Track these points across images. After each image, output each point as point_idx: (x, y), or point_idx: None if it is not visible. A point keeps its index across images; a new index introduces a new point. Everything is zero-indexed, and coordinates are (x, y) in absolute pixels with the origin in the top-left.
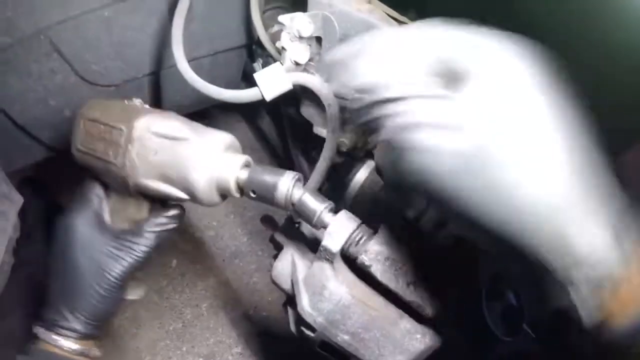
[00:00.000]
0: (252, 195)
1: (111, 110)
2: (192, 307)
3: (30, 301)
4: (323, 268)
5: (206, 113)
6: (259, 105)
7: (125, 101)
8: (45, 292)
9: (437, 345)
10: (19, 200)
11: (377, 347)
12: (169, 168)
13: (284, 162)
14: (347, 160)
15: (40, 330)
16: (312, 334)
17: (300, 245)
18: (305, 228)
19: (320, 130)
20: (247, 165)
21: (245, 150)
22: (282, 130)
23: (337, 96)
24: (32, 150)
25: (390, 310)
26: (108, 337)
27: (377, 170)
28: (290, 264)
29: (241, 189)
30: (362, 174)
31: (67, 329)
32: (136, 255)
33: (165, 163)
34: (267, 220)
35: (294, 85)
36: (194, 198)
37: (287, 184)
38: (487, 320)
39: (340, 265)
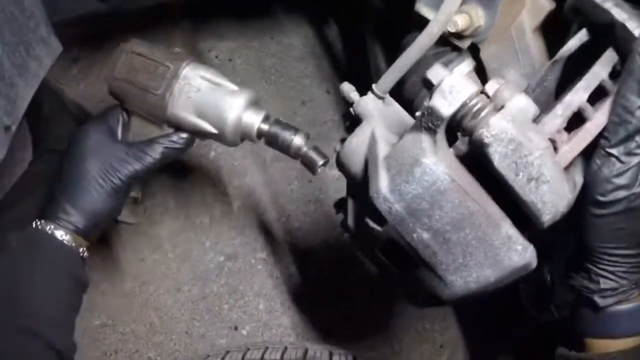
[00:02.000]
0: (267, 144)
1: (156, 50)
2: (223, 203)
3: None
4: (420, 139)
5: (271, 13)
6: (327, 11)
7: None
8: (51, 191)
9: (533, 266)
10: (57, 47)
11: (463, 254)
12: (206, 106)
13: (343, 71)
14: (438, 50)
15: (38, 222)
16: (379, 228)
17: (386, 122)
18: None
19: (423, 9)
20: (266, 118)
21: (306, 56)
22: (351, 35)
23: None
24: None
25: (494, 209)
26: (135, 216)
27: None
28: (369, 139)
29: (259, 136)
30: (466, 65)
31: (65, 220)
32: (143, 163)
33: (204, 101)
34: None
35: None
36: (220, 133)
37: (299, 141)
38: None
39: (442, 139)
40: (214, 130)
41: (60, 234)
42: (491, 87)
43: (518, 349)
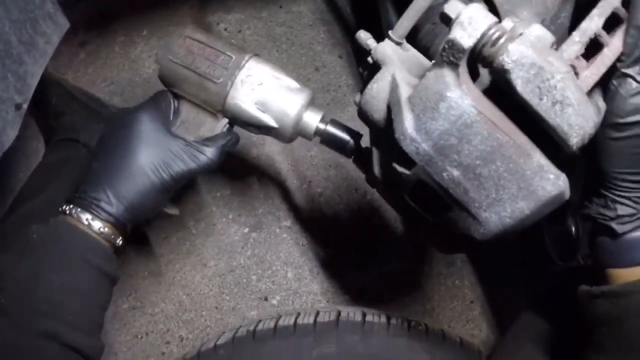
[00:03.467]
0: (322, 143)
1: (217, 39)
2: (243, 174)
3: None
4: (443, 74)
5: None
6: None
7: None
8: (89, 173)
9: (566, 196)
10: (64, 24)
11: (495, 189)
12: (269, 100)
13: (355, 32)
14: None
15: (69, 206)
16: (407, 172)
17: (405, 66)
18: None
19: None
20: (324, 118)
21: (316, 22)
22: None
23: None
24: None
25: (524, 140)
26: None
27: None
28: (390, 84)
29: (316, 134)
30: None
31: (103, 210)
32: (198, 163)
33: (267, 95)
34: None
35: None
36: (280, 127)
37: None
38: (545, 240)
39: (465, 73)
40: (274, 124)
41: (98, 226)
42: (507, 24)
43: (545, 299)
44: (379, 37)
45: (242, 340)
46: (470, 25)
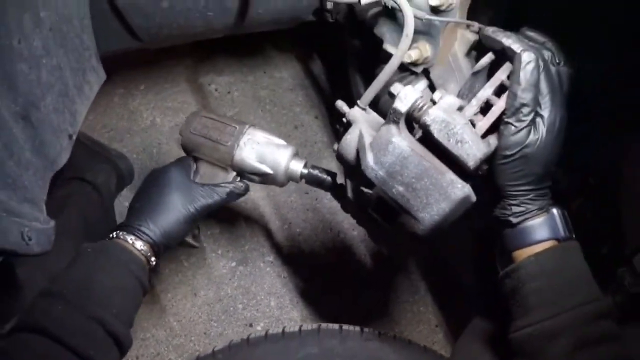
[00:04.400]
0: (307, 183)
1: (224, 116)
2: (231, 216)
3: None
4: (390, 128)
5: (263, 50)
6: (312, 48)
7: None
8: (132, 210)
9: (472, 199)
10: (103, 76)
11: (426, 196)
12: (265, 154)
13: (328, 99)
14: (402, 73)
15: (117, 232)
16: (370, 192)
17: (368, 124)
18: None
19: (389, 47)
20: (306, 164)
21: (295, 87)
22: (333, 68)
23: (415, 16)
24: (121, 39)
25: (440, 164)
26: (198, 241)
27: None
28: (358, 136)
29: (301, 178)
30: (421, 84)
31: (144, 233)
32: (213, 199)
33: (263, 151)
34: (340, 123)
35: (368, 15)
36: (274, 174)
37: (332, 183)
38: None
39: (404, 127)
40: (270, 171)
41: (139, 245)
42: (436, 95)
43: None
44: (346, 98)
45: (237, 346)
46: (405, 99)
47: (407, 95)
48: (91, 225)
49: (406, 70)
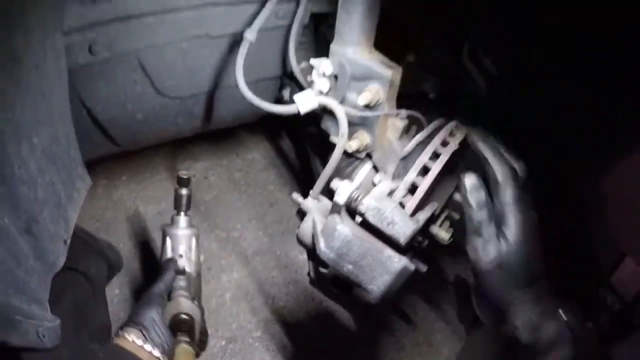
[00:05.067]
0: None
1: None
2: (217, 296)
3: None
4: (334, 217)
5: (235, 134)
6: (280, 127)
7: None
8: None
9: (411, 268)
10: (89, 181)
11: (371, 271)
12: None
13: (298, 174)
14: (349, 159)
15: (127, 330)
16: (326, 271)
17: (320, 212)
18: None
19: (334, 139)
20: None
21: (267, 166)
22: (300, 147)
23: (347, 114)
24: (102, 146)
25: (378, 243)
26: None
27: None
28: (312, 223)
29: None
30: (365, 168)
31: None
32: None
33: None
34: (299, 212)
35: (319, 105)
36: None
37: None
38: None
39: (345, 216)
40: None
41: (149, 348)
42: (376, 178)
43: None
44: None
45: None
46: (342, 193)
47: (343, 190)
48: (84, 313)
49: (352, 157)
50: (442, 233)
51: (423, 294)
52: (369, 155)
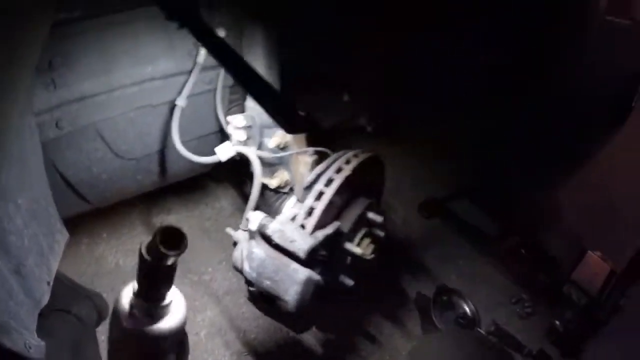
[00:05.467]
0: None
1: None
2: (192, 335)
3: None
4: (251, 243)
5: (203, 185)
6: (242, 174)
7: None
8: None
9: (315, 278)
10: (66, 234)
11: (283, 284)
12: None
13: None
14: (277, 194)
15: None
16: (253, 288)
17: (246, 241)
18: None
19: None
20: None
21: (234, 212)
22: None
23: (263, 157)
24: (76, 205)
25: (285, 260)
26: None
27: None
28: (241, 251)
29: None
30: (290, 201)
31: None
32: None
33: None
34: (234, 244)
35: (236, 153)
36: None
37: None
38: None
39: (259, 240)
40: None
41: None
42: (289, 203)
43: None
44: None
45: None
46: (254, 222)
47: (254, 219)
48: (79, 350)
49: (279, 192)
50: (357, 249)
51: (387, 314)
52: (292, 190)
